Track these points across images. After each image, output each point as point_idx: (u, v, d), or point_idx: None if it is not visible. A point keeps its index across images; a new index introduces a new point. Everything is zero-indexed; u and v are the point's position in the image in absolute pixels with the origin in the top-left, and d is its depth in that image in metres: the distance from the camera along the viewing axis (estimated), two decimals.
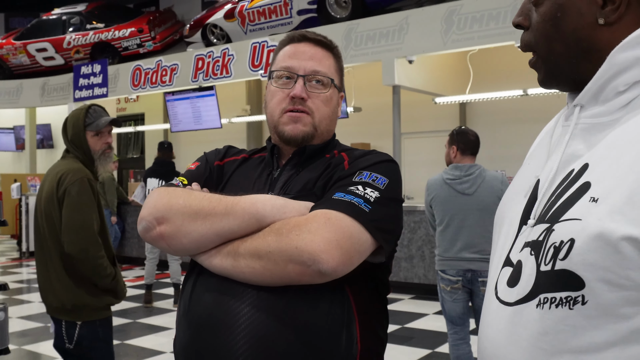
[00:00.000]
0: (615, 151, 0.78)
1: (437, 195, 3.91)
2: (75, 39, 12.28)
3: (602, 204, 0.75)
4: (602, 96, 0.84)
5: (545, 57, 0.90)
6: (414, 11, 7.69)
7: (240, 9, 9.78)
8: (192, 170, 1.47)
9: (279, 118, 1.40)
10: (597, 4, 0.83)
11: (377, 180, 1.27)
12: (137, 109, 13.30)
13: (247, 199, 1.24)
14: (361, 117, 9.18)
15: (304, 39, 1.45)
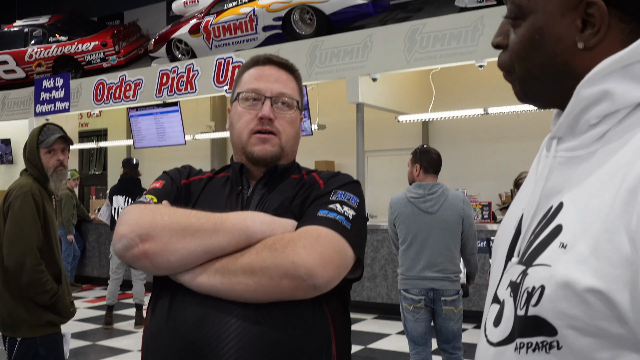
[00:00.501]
0: (586, 193, 0.77)
1: (401, 214, 3.92)
2: (38, 52, 12.06)
3: (570, 251, 0.74)
4: (576, 129, 0.83)
5: (522, 79, 0.89)
6: (377, 29, 7.75)
7: (206, 24, 9.74)
8: (158, 188, 1.45)
9: (247, 139, 1.44)
10: (576, 27, 0.81)
11: (351, 199, 1.36)
12: (100, 125, 13.08)
13: (237, 216, 1.26)
14: (325, 134, 9.18)
15: (269, 62, 1.50)
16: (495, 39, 0.91)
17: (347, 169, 9.78)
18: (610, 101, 0.78)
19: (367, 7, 8.22)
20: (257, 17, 9.08)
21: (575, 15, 0.81)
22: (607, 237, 0.70)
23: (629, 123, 0.77)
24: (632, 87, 0.77)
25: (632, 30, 0.79)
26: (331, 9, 8.40)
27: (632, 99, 0.77)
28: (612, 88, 0.77)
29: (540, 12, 0.84)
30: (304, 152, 10.34)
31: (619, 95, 0.77)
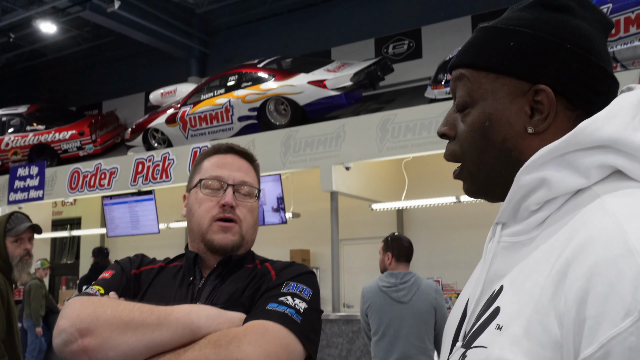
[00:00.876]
0: (523, 276, 0.78)
1: (373, 303, 3.83)
2: (14, 140, 12.08)
3: (505, 332, 0.75)
4: (518, 215, 0.84)
5: (473, 168, 0.89)
6: (350, 119, 7.88)
7: (182, 114, 9.86)
8: (107, 278, 1.42)
9: (208, 226, 1.43)
10: (525, 113, 0.84)
11: (304, 291, 1.32)
12: (74, 213, 12.94)
13: (181, 309, 1.21)
14: (300, 223, 9.12)
15: (231, 150, 1.53)
16: (442, 128, 0.92)
17: (322, 258, 9.68)
18: (547, 188, 0.80)
19: (340, 99, 8.40)
20: (233, 107, 9.23)
21: (524, 101, 0.84)
22: (538, 318, 0.72)
23: (567, 209, 0.79)
24: (567, 175, 0.79)
25: (577, 117, 0.83)
26: (305, 100, 8.58)
27: (569, 186, 0.79)
28: (549, 176, 0.79)
29: (490, 99, 0.86)
30: (278, 241, 10.30)
31: (555, 183, 0.79)
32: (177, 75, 12.89)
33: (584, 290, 0.68)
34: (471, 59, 0.89)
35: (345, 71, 8.62)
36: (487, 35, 0.89)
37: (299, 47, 11.65)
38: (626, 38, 6.46)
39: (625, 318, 0.64)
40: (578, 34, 0.84)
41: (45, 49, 14.47)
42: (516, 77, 0.85)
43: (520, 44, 0.85)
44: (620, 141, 0.76)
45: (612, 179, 0.79)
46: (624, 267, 0.66)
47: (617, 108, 0.79)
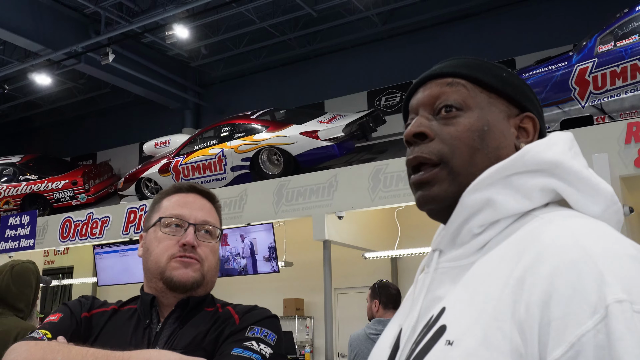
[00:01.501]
0: (469, 292, 0.78)
1: (361, 351, 3.81)
2: (7, 190, 12.09)
3: (457, 347, 0.73)
4: (458, 239, 0.85)
5: (461, 168, 0.88)
6: (342, 169, 7.98)
7: (175, 164, 9.95)
8: (54, 322, 1.33)
9: (166, 264, 1.36)
10: (513, 133, 0.92)
11: (268, 336, 1.28)
12: (66, 262, 12.84)
13: (140, 355, 1.15)
14: (292, 271, 9.12)
15: (193, 190, 1.49)
16: (418, 127, 0.91)
17: (316, 306, 9.63)
18: (492, 209, 0.82)
19: (332, 149, 8.53)
20: (226, 157, 9.34)
21: (513, 121, 0.92)
22: (496, 325, 0.71)
23: (509, 231, 0.81)
24: (512, 197, 0.82)
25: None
26: (298, 151, 8.70)
27: (513, 208, 0.82)
28: (494, 196, 0.82)
29: (487, 110, 0.92)
30: (271, 289, 10.25)
31: (500, 204, 0.81)
32: (171, 126, 13.05)
33: (547, 293, 0.68)
34: (470, 73, 0.94)
35: (338, 122, 8.78)
36: (479, 62, 0.97)
37: (293, 100, 11.87)
38: (613, 91, 6.68)
39: (592, 316, 0.65)
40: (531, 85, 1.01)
41: (40, 100, 14.64)
42: (508, 101, 0.94)
43: (510, 77, 0.96)
44: (561, 165, 0.81)
45: (550, 207, 0.83)
46: (584, 269, 0.68)
47: (556, 138, 0.86)
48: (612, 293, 0.65)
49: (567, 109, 7.03)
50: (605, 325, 0.64)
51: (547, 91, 7.16)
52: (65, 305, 1.40)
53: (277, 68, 12.52)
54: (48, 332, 1.29)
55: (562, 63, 7.10)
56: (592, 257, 0.69)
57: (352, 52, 11.78)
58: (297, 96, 12.00)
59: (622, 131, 6.01)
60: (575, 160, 0.83)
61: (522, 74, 7.42)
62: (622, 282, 0.66)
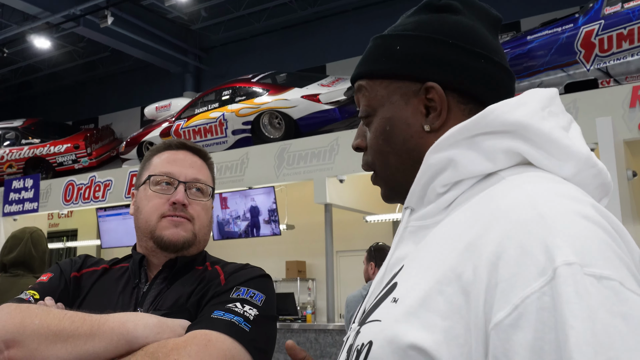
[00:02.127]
0: (423, 252, 0.78)
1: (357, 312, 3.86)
2: (9, 154, 12.11)
3: (400, 304, 0.73)
4: (425, 198, 0.84)
5: (383, 173, 0.91)
6: (344, 133, 7.96)
7: (177, 127, 9.94)
8: (44, 282, 1.32)
9: (156, 223, 1.33)
10: (421, 113, 0.86)
11: (255, 296, 1.23)
12: (70, 225, 12.96)
13: (116, 318, 1.12)
14: (294, 234, 9.19)
15: (183, 146, 1.45)
16: (355, 141, 0.94)
17: (318, 269, 9.73)
18: (454, 169, 0.80)
19: (334, 113, 8.49)
20: (227, 121, 9.31)
21: (417, 101, 0.86)
22: (438, 288, 0.70)
23: (473, 192, 0.79)
24: (474, 157, 0.79)
25: (472, 110, 0.85)
26: (299, 114, 8.66)
27: (475, 169, 0.79)
28: (457, 156, 0.80)
29: (387, 105, 0.89)
30: (273, 252, 10.36)
31: (462, 165, 0.79)
32: (172, 90, 12.99)
33: (495, 254, 0.66)
34: (365, 69, 0.92)
35: (339, 86, 8.72)
36: (377, 45, 0.92)
37: (294, 63, 11.78)
38: (619, 54, 6.61)
39: (538, 277, 0.63)
40: (459, 29, 0.86)
41: (41, 64, 14.55)
42: (406, 79, 0.87)
43: (405, 47, 0.88)
44: (528, 127, 0.76)
45: (518, 167, 0.79)
46: (535, 229, 0.66)
47: (528, 97, 0.80)
48: (562, 255, 0.63)
49: (572, 72, 6.96)
50: (551, 288, 0.61)
51: (551, 54, 7.08)
52: (57, 265, 1.38)
53: (278, 31, 12.39)
54: (36, 293, 1.28)
55: (568, 25, 7.00)
56: (544, 218, 0.66)
57: (353, 15, 11.63)
58: (299, 59, 11.90)
59: (627, 95, 5.97)
60: (547, 121, 0.78)
61: (527, 36, 7.34)
62: (574, 244, 0.64)
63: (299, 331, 7.25)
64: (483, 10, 0.91)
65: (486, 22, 0.90)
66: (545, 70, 7.15)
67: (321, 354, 7.07)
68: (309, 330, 7.23)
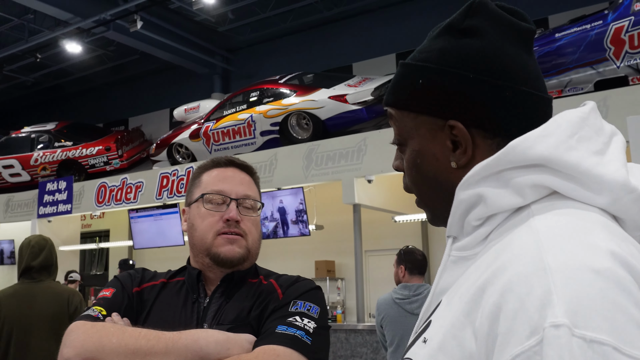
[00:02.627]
0: (454, 292, 0.79)
1: (387, 315, 3.88)
2: (43, 157, 12.38)
3: (427, 346, 0.76)
4: (464, 229, 0.84)
5: (421, 200, 0.92)
6: (371, 133, 8.00)
7: (206, 129, 10.07)
8: (107, 297, 1.36)
9: (212, 240, 1.39)
10: (448, 147, 0.85)
11: (312, 309, 1.30)
12: (102, 226, 13.21)
13: (188, 335, 1.19)
14: (323, 234, 9.25)
15: (231, 164, 1.50)
16: (395, 162, 0.95)
17: (347, 268, 9.78)
18: (484, 205, 0.79)
19: (361, 113, 8.53)
20: (255, 122, 9.41)
21: (444, 136, 0.85)
22: (453, 332, 0.72)
23: (507, 226, 0.78)
24: (503, 192, 0.77)
25: (500, 144, 0.81)
26: (326, 115, 8.72)
27: (505, 204, 0.78)
28: (485, 192, 0.78)
29: (416, 137, 0.88)
30: (302, 252, 10.40)
31: (490, 200, 0.78)
32: (200, 91, 13.15)
33: (497, 306, 0.67)
34: (392, 98, 0.91)
35: (366, 86, 8.75)
36: (403, 74, 0.90)
37: (320, 63, 11.83)
38: None
39: (530, 337, 0.63)
40: (483, 59, 0.83)
41: (71, 68, 14.83)
42: (429, 115, 0.86)
43: (428, 81, 0.86)
44: (553, 160, 0.74)
45: (551, 197, 0.77)
46: (535, 285, 0.65)
47: (554, 126, 0.77)
48: (552, 315, 0.62)
49: (602, 69, 6.89)
50: (541, 348, 0.62)
51: (581, 51, 7.02)
52: (117, 280, 1.43)
53: (304, 32, 12.45)
54: (103, 309, 1.31)
55: (597, 22, 6.93)
56: (547, 272, 0.65)
57: (379, 14, 11.64)
58: (325, 60, 11.94)
59: None
60: (575, 151, 0.75)
61: (556, 34, 7.28)
62: (569, 304, 0.62)
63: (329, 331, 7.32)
64: (512, 24, 0.86)
65: (517, 37, 0.86)
66: (575, 67, 7.09)
67: (352, 353, 7.12)
68: (339, 330, 7.29)
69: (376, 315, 4.00)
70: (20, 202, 12.07)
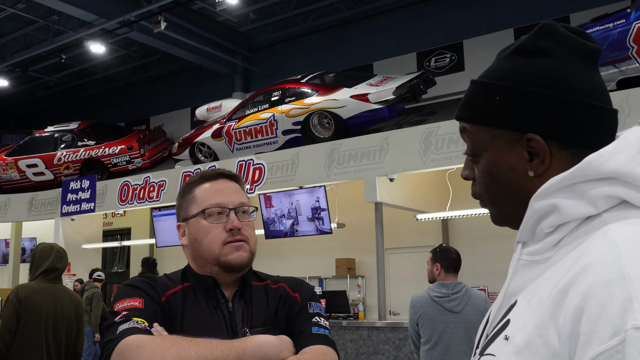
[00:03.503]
0: (532, 293, 0.87)
1: (425, 313, 3.89)
2: (66, 156, 12.55)
3: (510, 343, 0.84)
4: (535, 235, 0.92)
5: (492, 206, 1.00)
6: (393, 132, 8.04)
7: (228, 128, 10.16)
8: (140, 308, 1.39)
9: (220, 250, 1.49)
10: (524, 158, 0.92)
11: (321, 308, 1.54)
12: (123, 224, 13.37)
13: (252, 342, 1.33)
14: (345, 233, 9.30)
15: (221, 175, 1.59)
16: (463, 172, 1.03)
17: (367, 266, 9.83)
18: (558, 214, 0.87)
19: (382, 112, 8.58)
20: (277, 121, 9.49)
21: (520, 147, 0.93)
22: (538, 332, 0.80)
23: (579, 233, 0.86)
24: (577, 203, 0.85)
25: (574, 154, 0.90)
26: (348, 114, 8.78)
27: (578, 213, 0.86)
28: (559, 203, 0.86)
29: (491, 149, 0.95)
30: (325, 250, 10.47)
31: (565, 210, 0.86)
32: (221, 90, 13.25)
33: (580, 309, 0.75)
34: (467, 114, 0.99)
35: (388, 85, 8.79)
36: (477, 92, 0.97)
37: (341, 62, 11.87)
38: None
39: (612, 337, 0.71)
40: (555, 77, 0.90)
41: (94, 68, 15.01)
42: (507, 129, 0.93)
43: (504, 99, 0.93)
44: (626, 174, 0.82)
45: (621, 207, 0.84)
46: (616, 291, 0.73)
47: (624, 143, 0.85)
48: (633, 319, 0.71)
49: (624, 68, 6.89)
50: (623, 348, 0.70)
51: (603, 50, 6.99)
52: (140, 290, 1.45)
53: (325, 31, 12.51)
54: (145, 321, 1.35)
55: (620, 21, 6.93)
56: (626, 279, 0.74)
57: (400, 13, 11.67)
58: (346, 59, 11.99)
59: None
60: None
61: None
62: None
63: (352, 328, 7.38)
64: (580, 45, 0.94)
65: (584, 56, 0.93)
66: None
67: (374, 350, 7.17)
68: (361, 328, 7.35)
69: (412, 313, 4.00)
70: (43, 201, 12.26)
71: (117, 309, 1.37)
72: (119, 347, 1.25)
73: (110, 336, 1.30)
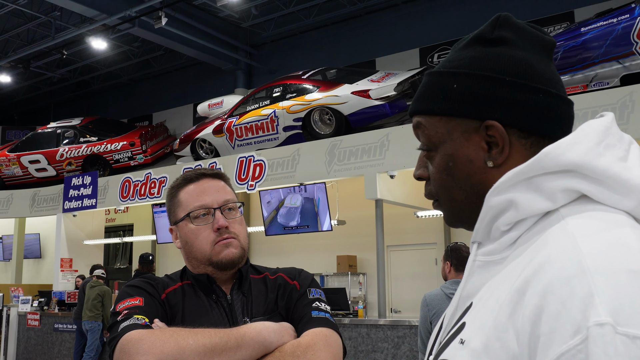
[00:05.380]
0: (487, 294, 0.82)
1: (440, 310, 3.85)
2: (68, 152, 12.57)
3: (466, 347, 0.79)
4: (491, 235, 0.87)
5: (447, 204, 0.94)
6: (394, 129, 7.99)
7: (229, 125, 10.13)
8: (141, 306, 1.41)
9: (210, 251, 1.49)
10: (483, 149, 0.88)
11: (321, 294, 1.53)
12: (126, 220, 13.37)
13: (251, 329, 1.33)
14: (345, 229, 9.26)
15: (203, 176, 1.57)
16: (416, 171, 0.98)
17: (368, 263, 9.79)
18: (515, 210, 0.82)
19: (384, 108, 8.52)
20: (278, 118, 9.45)
21: (478, 137, 0.88)
22: (496, 334, 0.76)
23: (536, 230, 0.82)
24: (534, 197, 0.81)
25: (533, 143, 0.87)
26: (349, 110, 8.73)
27: (535, 209, 0.81)
28: (516, 198, 0.82)
29: (448, 141, 0.91)
30: (325, 247, 10.45)
31: (522, 205, 0.82)
32: (224, 86, 13.23)
33: (539, 307, 0.71)
34: (422, 106, 0.94)
35: (389, 81, 8.74)
36: (432, 82, 0.93)
37: (343, 58, 11.83)
38: None
39: (574, 336, 0.67)
40: (515, 64, 0.87)
41: (97, 64, 15.02)
42: (465, 117, 0.89)
43: (462, 86, 0.89)
44: (584, 166, 0.78)
45: (579, 202, 0.81)
46: (576, 287, 0.69)
47: (582, 134, 0.81)
48: (595, 315, 0.66)
49: (628, 63, 6.81)
50: (585, 347, 0.66)
51: (607, 45, 6.93)
52: (139, 289, 1.47)
53: (327, 27, 12.46)
54: (145, 317, 1.37)
55: (624, 16, 6.85)
56: (586, 274, 0.70)
57: (403, 9, 11.60)
58: (348, 54, 11.94)
59: None
60: (603, 157, 0.79)
61: (581, 28, 7.20)
62: (611, 303, 0.67)
63: (351, 326, 7.34)
64: (536, 37, 0.92)
65: (540, 48, 0.91)
66: (600, 62, 7.01)
67: (373, 348, 7.13)
68: (361, 325, 7.31)
69: (425, 311, 3.97)
70: (45, 197, 12.27)
71: (119, 309, 1.40)
72: (120, 343, 1.28)
73: (113, 334, 1.34)
